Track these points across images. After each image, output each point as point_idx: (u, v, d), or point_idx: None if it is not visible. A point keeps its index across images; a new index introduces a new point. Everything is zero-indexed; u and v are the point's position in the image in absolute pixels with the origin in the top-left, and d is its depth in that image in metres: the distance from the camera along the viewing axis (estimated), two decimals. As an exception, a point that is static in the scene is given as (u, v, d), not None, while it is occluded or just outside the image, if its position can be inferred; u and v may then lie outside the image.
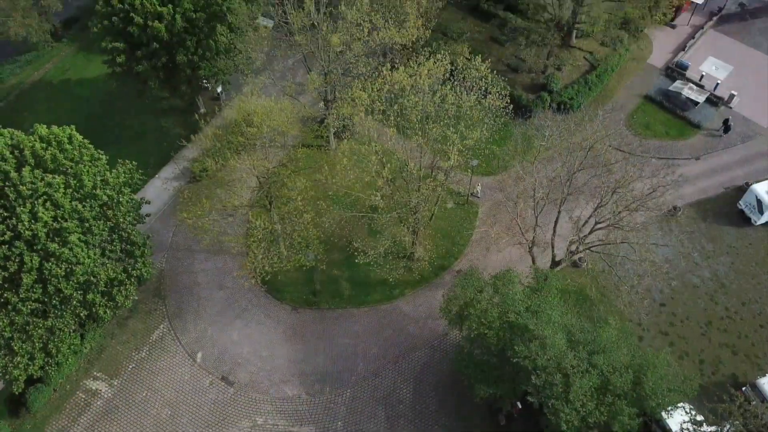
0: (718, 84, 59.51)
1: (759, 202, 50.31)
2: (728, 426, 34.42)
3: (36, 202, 36.40)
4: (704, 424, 35.67)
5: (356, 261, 44.66)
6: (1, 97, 63.04)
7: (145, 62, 50.52)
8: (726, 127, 56.99)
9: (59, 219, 37.01)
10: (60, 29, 69.24)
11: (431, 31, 58.20)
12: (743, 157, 56.03)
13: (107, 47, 49.90)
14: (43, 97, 62.86)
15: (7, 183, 36.34)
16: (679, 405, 36.07)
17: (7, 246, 35.62)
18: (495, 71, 43.78)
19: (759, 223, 51.14)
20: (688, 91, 58.77)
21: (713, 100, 59.17)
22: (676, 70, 61.61)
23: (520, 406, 40.21)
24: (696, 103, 58.47)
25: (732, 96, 58.75)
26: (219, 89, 60.20)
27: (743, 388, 42.55)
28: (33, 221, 35.99)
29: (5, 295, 36.32)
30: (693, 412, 36.56)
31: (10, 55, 67.62)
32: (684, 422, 36.08)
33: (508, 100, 44.41)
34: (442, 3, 60.30)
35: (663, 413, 38.09)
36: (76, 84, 64.11)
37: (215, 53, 52.22)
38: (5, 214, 36.05)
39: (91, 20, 52.31)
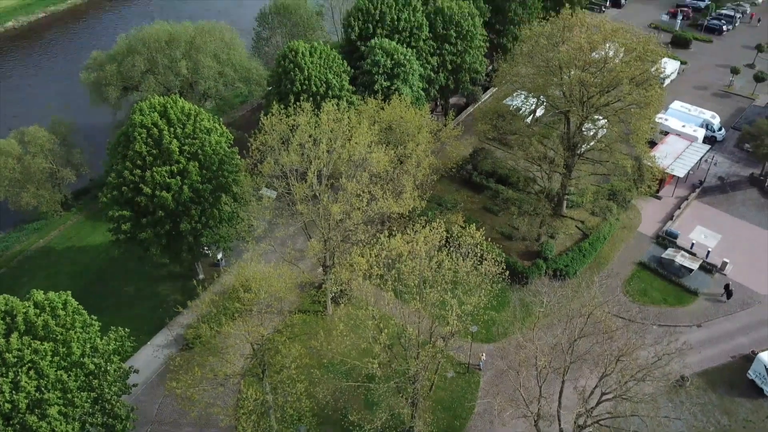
0: (709, 252, 60.72)
1: (769, 371, 48.77)
2: None
3: (20, 371, 35.10)
4: None
5: (351, 436, 41.99)
6: (3, 264, 63.75)
7: (149, 229, 51.88)
8: (728, 292, 57.04)
9: (42, 389, 35.45)
10: (70, 199, 71.96)
11: (427, 201, 60.79)
12: (745, 324, 55.32)
13: (114, 215, 51.52)
14: (44, 264, 63.57)
15: (-8, 350, 35.37)
16: None
17: (-19, 421, 33.71)
18: (489, 239, 44.80)
19: (773, 393, 49.11)
20: (681, 259, 59.75)
21: (707, 267, 59.94)
22: (666, 239, 63.24)
23: None
24: (690, 270, 59.13)
25: (725, 263, 59.63)
26: (219, 255, 61.17)
27: None
28: (14, 392, 34.43)
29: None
30: None
31: (18, 223, 69.67)
32: None
33: (504, 267, 44.91)
34: (437, 176, 63.81)
35: None
36: (78, 251, 65.18)
37: (218, 221, 53.95)
38: (-14, 383, 34.57)
39: (101, 191, 54.52)
